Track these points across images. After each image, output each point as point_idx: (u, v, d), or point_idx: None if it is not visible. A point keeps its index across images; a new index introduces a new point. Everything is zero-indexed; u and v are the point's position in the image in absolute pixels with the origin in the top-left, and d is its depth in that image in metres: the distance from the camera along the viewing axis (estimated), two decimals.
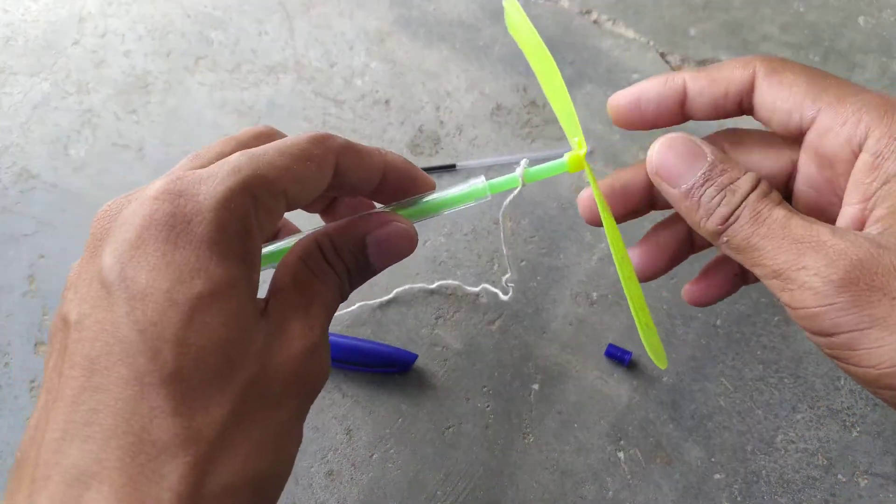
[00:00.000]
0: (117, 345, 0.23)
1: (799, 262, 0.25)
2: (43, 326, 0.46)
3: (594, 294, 0.47)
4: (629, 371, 0.45)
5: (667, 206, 0.31)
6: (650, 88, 0.30)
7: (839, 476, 0.42)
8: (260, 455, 0.24)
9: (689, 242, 0.34)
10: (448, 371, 0.45)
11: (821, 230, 0.25)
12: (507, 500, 0.41)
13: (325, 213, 0.34)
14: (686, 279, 0.47)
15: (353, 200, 0.34)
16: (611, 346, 0.45)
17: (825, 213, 0.29)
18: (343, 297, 0.30)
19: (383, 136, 0.53)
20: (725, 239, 0.27)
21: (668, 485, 0.42)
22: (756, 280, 0.34)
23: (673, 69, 0.57)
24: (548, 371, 0.45)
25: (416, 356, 0.44)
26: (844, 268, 0.24)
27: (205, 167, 0.26)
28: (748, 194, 0.27)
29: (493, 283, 0.47)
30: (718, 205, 0.27)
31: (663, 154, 0.28)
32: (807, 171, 0.29)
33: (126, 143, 0.52)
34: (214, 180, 0.25)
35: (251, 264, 0.26)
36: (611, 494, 0.41)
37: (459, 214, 0.49)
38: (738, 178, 0.27)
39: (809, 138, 0.28)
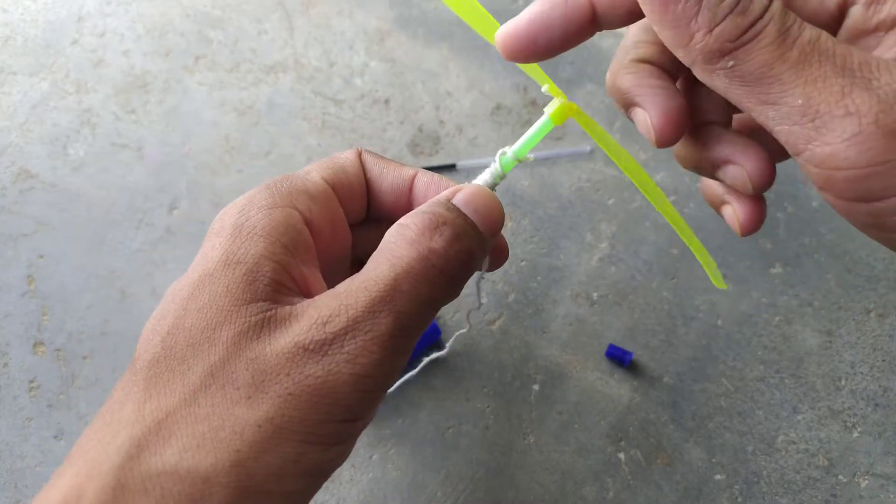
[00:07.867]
0: (140, 341, 0.26)
1: (843, 103, 0.19)
2: (41, 326, 0.46)
3: (594, 294, 0.47)
4: (629, 371, 0.44)
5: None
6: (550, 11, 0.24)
7: (840, 477, 0.42)
8: (199, 449, 0.22)
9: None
10: (448, 371, 0.45)
11: (872, 62, 0.19)
12: (507, 500, 0.41)
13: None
14: (686, 279, 0.47)
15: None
16: (611, 346, 0.45)
17: None
18: (451, 292, 0.26)
19: (383, 135, 0.53)
20: (731, 63, 0.20)
21: (669, 486, 0.42)
22: (782, 158, 0.27)
23: None
24: (548, 371, 0.45)
25: (440, 331, 0.45)
26: None
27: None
28: (770, 4, 0.20)
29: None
30: (729, 12, 0.20)
31: None
32: None
33: (125, 143, 0.52)
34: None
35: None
36: (611, 495, 0.41)
37: None
38: None
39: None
